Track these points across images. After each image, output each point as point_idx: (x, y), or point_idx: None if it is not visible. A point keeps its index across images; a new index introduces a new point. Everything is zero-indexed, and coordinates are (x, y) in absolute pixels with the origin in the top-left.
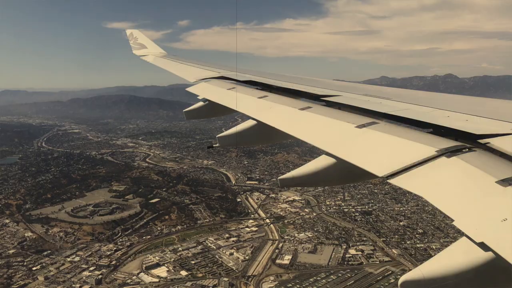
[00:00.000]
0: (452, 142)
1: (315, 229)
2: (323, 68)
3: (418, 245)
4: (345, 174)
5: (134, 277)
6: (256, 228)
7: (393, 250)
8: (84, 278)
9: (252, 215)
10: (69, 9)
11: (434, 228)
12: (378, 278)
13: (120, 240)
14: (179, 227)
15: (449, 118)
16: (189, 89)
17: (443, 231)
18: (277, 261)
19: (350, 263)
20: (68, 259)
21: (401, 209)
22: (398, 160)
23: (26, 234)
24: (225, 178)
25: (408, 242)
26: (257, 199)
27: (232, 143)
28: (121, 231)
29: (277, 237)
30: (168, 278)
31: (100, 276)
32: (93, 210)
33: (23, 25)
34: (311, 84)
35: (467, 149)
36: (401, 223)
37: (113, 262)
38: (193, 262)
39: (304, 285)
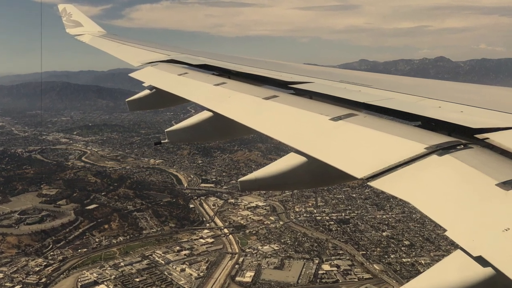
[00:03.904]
0: (445, 137)
1: (282, 240)
2: (292, 50)
3: (404, 260)
4: (317, 175)
5: None
6: (212, 240)
7: (375, 266)
8: None
9: (208, 224)
10: None
11: (423, 239)
12: None
13: (51, 253)
14: (121, 238)
15: (441, 109)
16: (132, 74)
17: (434, 243)
18: (237, 278)
19: (323, 281)
20: None
21: (384, 217)
22: (381, 159)
23: None
24: (175, 180)
25: (392, 256)
26: (214, 205)
27: (184, 138)
28: (52, 243)
29: (237, 250)
30: None
31: None
32: (19, 218)
33: None
34: (277, 68)
35: (462, 146)
36: (384, 234)
37: (43, 280)
38: (137, 279)
39: None
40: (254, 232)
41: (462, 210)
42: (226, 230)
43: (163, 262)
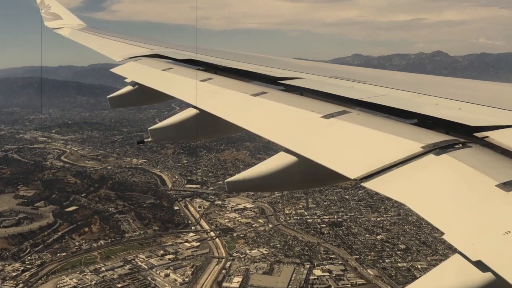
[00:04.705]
0: (442, 135)
1: (272, 244)
2: (282, 44)
3: (399, 264)
4: (308, 176)
5: None
6: (198, 243)
7: (369, 271)
8: None
9: (193, 227)
10: None
11: (420, 243)
12: None
13: (29, 258)
14: (102, 241)
15: (438, 106)
16: (114, 70)
17: (431, 246)
18: (224, 284)
19: (315, 286)
20: None
21: (379, 219)
22: (375, 159)
23: None
24: (159, 181)
25: (387, 260)
26: (199, 207)
27: (168, 137)
28: (30, 246)
29: (224, 255)
30: None
31: None
32: None
33: None
34: (266, 63)
35: (461, 145)
36: (378, 237)
37: (20, 286)
38: (119, 285)
39: None
40: (242, 235)
41: (461, 212)
42: (212, 234)
43: (146, 267)
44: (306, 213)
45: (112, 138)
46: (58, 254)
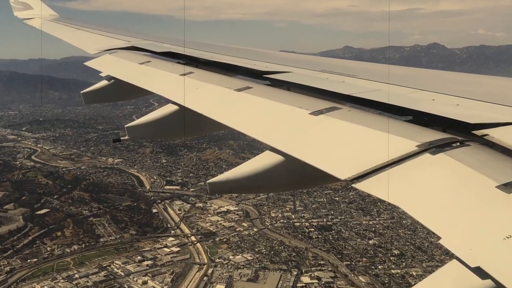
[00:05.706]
0: (439, 133)
1: (257, 249)
2: (267, 36)
3: (393, 271)
4: (296, 176)
5: None
6: (178, 249)
7: (360, 278)
8: None
9: (173, 231)
10: None
11: (415, 248)
12: None
13: None
14: (75, 246)
15: (435, 102)
16: (88, 63)
17: (427, 252)
18: None
19: None
20: None
21: (371, 223)
22: (367, 158)
23: None
24: (136, 182)
25: (380, 266)
26: (179, 209)
27: (146, 135)
28: None
29: (205, 260)
30: None
31: None
32: None
33: None
34: (251, 56)
35: (459, 143)
36: (370, 242)
37: None
38: None
39: None
40: (224, 240)
41: (459, 215)
42: (193, 238)
43: (122, 274)
44: (293, 216)
45: (86, 136)
46: (29, 260)
